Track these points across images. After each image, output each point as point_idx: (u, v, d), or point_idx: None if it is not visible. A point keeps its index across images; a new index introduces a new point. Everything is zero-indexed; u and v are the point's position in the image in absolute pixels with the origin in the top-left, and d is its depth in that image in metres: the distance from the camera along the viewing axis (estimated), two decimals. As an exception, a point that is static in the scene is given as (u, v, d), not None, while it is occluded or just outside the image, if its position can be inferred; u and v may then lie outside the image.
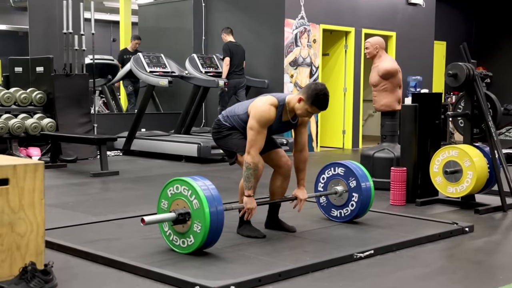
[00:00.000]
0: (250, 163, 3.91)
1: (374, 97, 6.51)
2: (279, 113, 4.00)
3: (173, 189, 3.72)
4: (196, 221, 3.58)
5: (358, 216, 4.63)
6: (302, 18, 9.91)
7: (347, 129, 10.81)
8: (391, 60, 6.43)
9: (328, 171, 4.73)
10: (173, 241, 3.74)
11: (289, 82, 9.76)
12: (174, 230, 3.71)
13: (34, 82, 8.79)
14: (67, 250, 3.72)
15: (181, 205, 3.66)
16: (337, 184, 4.65)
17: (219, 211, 3.62)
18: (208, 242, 3.63)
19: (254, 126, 3.93)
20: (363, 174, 4.62)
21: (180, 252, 3.69)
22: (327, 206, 4.75)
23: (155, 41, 11.27)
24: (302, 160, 4.27)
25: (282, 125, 4.11)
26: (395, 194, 5.56)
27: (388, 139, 6.46)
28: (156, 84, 8.64)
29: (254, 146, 3.92)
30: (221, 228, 3.65)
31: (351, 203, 4.59)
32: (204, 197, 3.58)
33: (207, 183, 3.70)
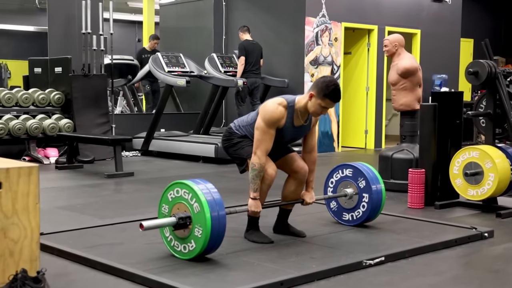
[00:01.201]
0: (256, 163, 3.77)
1: (393, 96, 6.32)
2: (290, 117, 3.85)
3: (174, 192, 3.60)
4: (197, 226, 3.46)
5: (371, 218, 4.46)
6: (323, 16, 9.72)
7: (369, 129, 10.59)
8: (410, 58, 6.23)
9: (336, 174, 4.56)
10: (175, 247, 3.62)
11: (310, 81, 9.57)
12: (175, 235, 3.60)
13: (52, 82, 8.79)
14: (66, 256, 3.63)
15: (181, 209, 3.54)
16: (346, 187, 4.48)
17: (221, 215, 3.49)
18: (209, 247, 3.50)
19: (261, 125, 3.80)
20: (373, 174, 4.45)
21: (182, 258, 3.57)
22: (338, 210, 4.58)
23: (176, 41, 11.20)
24: (312, 161, 4.12)
25: (296, 130, 3.95)
26: (413, 197, 5.37)
27: (407, 140, 6.26)
28: (174, 84, 8.55)
29: (260, 147, 3.78)
30: (223, 232, 3.51)
31: (362, 204, 4.41)
32: (205, 200, 3.45)
33: (209, 186, 3.57)
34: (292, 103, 3.87)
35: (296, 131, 3.97)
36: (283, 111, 3.83)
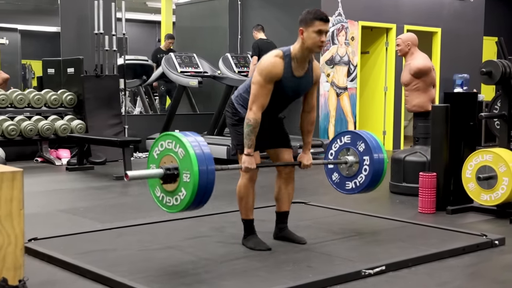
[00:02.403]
0: (251, 119, 3.63)
1: (406, 97, 6.14)
2: (288, 66, 3.68)
3: (158, 148, 3.44)
4: (185, 171, 3.29)
5: (374, 182, 4.21)
6: (339, 15, 9.54)
7: (387, 130, 10.38)
8: (423, 58, 6.03)
9: (335, 144, 4.35)
10: (167, 203, 3.43)
11: (325, 81, 9.41)
12: (165, 190, 3.41)
13: (65, 83, 8.76)
14: (56, 263, 3.53)
15: (168, 161, 3.38)
16: (346, 154, 4.28)
17: (207, 155, 3.31)
18: (201, 190, 3.28)
19: (258, 79, 3.66)
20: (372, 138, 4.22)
21: (176, 211, 3.40)
22: (341, 181, 4.36)
23: (191, 41, 11.11)
24: (310, 122, 3.98)
25: (297, 82, 3.76)
26: (424, 201, 5.18)
27: (421, 142, 6.07)
28: (186, 84, 8.46)
29: (256, 102, 3.65)
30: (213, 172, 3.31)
31: (363, 168, 4.20)
32: (188, 141, 3.29)
33: (198, 138, 3.39)
34: (288, 51, 3.72)
35: (298, 83, 3.77)
36: (280, 61, 3.67)
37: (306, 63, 3.76)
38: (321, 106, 9.35)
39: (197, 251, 3.80)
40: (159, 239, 4.08)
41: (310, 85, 3.85)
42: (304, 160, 3.98)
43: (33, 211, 5.14)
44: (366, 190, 4.28)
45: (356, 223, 4.68)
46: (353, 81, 9.77)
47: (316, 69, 3.87)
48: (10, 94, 8.20)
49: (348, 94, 9.71)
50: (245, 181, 3.84)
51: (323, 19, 3.65)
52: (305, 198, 5.58)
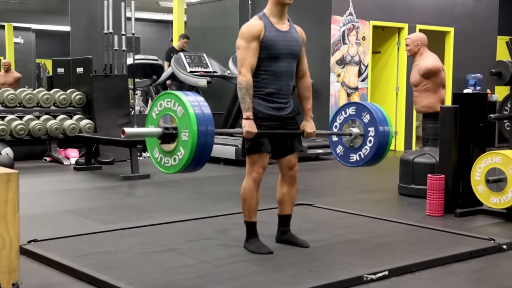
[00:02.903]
0: (242, 82, 3.59)
1: (415, 97, 6.04)
2: (268, 22, 3.67)
3: (157, 108, 3.36)
4: (183, 129, 3.21)
5: (379, 155, 4.04)
6: (350, 14, 9.45)
7: (399, 131, 10.26)
8: (433, 58, 5.93)
9: (339, 116, 4.20)
10: (165, 164, 3.34)
11: (336, 82, 9.33)
12: (163, 151, 3.33)
13: (74, 83, 8.76)
14: (54, 265, 3.49)
15: (167, 120, 3.30)
16: (350, 126, 4.14)
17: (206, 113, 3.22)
18: (199, 149, 3.19)
19: (240, 43, 3.63)
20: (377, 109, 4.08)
21: (175, 171, 3.30)
22: (345, 153, 4.18)
23: (202, 41, 11.07)
24: (305, 87, 3.90)
25: (285, 37, 3.70)
26: (432, 204, 5.09)
27: (430, 143, 5.97)
28: (195, 84, 8.42)
29: (244, 64, 3.60)
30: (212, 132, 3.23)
31: (368, 139, 4.04)
32: (187, 100, 3.22)
33: (199, 98, 3.31)
34: (261, 13, 3.76)
35: (286, 37, 3.71)
36: (258, 21, 3.69)
37: (285, 20, 3.76)
38: (332, 106, 9.26)
39: (198, 254, 3.75)
40: (161, 241, 4.03)
41: (300, 40, 3.80)
42: (307, 128, 3.88)
43: (38, 211, 5.15)
44: (370, 162, 4.10)
45: (362, 226, 4.60)
46: (364, 81, 9.67)
47: (298, 28, 3.86)
48: (19, 94, 8.21)
49: (359, 94, 9.62)
50: (250, 183, 3.78)
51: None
52: (311, 199, 5.51)
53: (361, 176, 7.28)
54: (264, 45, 3.64)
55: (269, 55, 3.66)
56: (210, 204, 5.53)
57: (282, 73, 3.75)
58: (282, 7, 3.72)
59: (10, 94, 8.11)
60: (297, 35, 3.80)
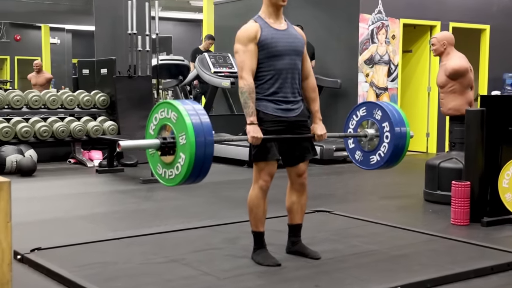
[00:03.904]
0: (244, 86, 3.44)
1: (441, 99, 5.80)
2: (264, 23, 3.56)
3: (153, 123, 3.21)
4: (180, 134, 3.06)
5: (398, 148, 3.82)
6: (379, 12, 9.19)
7: (431, 132, 9.95)
8: (460, 58, 5.67)
9: (351, 121, 4.01)
10: (169, 177, 3.20)
11: (364, 82, 9.08)
12: (165, 164, 3.19)
13: (99, 84, 8.73)
14: (53, 276, 3.38)
15: (164, 132, 3.16)
16: (364, 128, 3.95)
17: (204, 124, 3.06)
18: (199, 154, 3.04)
19: (238, 47, 3.53)
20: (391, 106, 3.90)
21: (180, 181, 3.14)
22: (364, 157, 3.97)
23: (230, 40, 10.89)
24: (311, 88, 3.73)
25: (285, 35, 3.55)
26: (456, 212, 4.84)
27: (457, 147, 5.70)
28: (218, 85, 8.30)
29: (244, 68, 3.47)
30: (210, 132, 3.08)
31: (384, 135, 3.84)
32: (184, 109, 3.05)
33: (192, 103, 3.17)
34: (256, 15, 3.64)
35: (285, 36, 3.56)
36: (253, 23, 3.57)
37: (282, 20, 3.62)
38: (360, 107, 9.01)
39: (202, 265, 3.60)
40: (166, 251, 3.90)
41: (300, 38, 3.64)
42: (318, 130, 3.69)
43: (50, 216, 5.09)
44: (392, 159, 3.88)
45: (380, 235, 4.39)
46: (394, 81, 9.40)
47: (298, 29, 3.71)
48: (43, 96, 8.20)
49: (389, 95, 9.35)
50: (256, 191, 3.62)
51: None
52: (332, 206, 5.32)
53: (387, 180, 7.05)
54: (262, 44, 3.50)
55: (269, 54, 3.51)
56: (226, 209, 5.38)
57: (287, 70, 3.57)
58: (277, 9, 3.59)
59: (34, 95, 8.11)
60: (296, 32, 3.65)
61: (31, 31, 20.34)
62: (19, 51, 19.87)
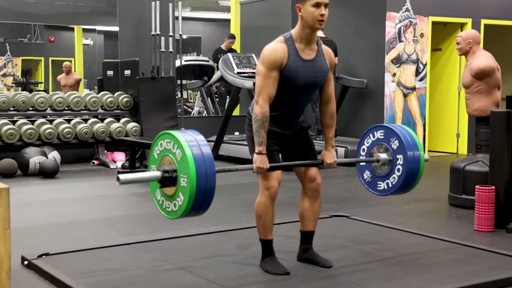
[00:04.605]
0: (258, 113, 3.29)
1: (467, 100, 5.60)
2: (292, 49, 3.33)
3: (158, 148, 3.15)
4: (182, 175, 2.99)
5: (408, 185, 3.75)
6: (407, 10, 8.96)
7: (461, 132, 9.68)
8: (486, 57, 5.46)
9: (367, 139, 3.90)
10: (166, 208, 3.14)
11: (391, 82, 8.88)
12: (165, 194, 3.13)
13: (122, 85, 8.71)
14: (57, 283, 3.33)
15: (167, 162, 3.09)
16: (378, 151, 3.83)
17: (206, 156, 2.99)
18: (198, 196, 2.97)
19: (261, 69, 3.33)
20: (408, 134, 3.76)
21: (175, 218, 3.10)
22: (372, 180, 3.90)
23: (255, 40, 10.83)
24: (329, 114, 3.57)
25: (308, 66, 3.37)
26: (480, 218, 4.65)
27: (483, 150, 5.49)
28: (241, 86, 8.18)
29: (262, 93, 3.30)
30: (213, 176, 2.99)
31: (396, 168, 3.74)
32: (185, 141, 2.98)
33: (198, 137, 3.07)
34: (288, 35, 3.40)
35: (309, 67, 3.39)
36: (282, 46, 3.34)
37: (313, 44, 3.41)
38: (386, 108, 8.83)
39: (209, 273, 3.50)
40: (174, 258, 3.81)
41: (326, 70, 3.47)
42: (327, 158, 3.57)
43: (65, 220, 5.06)
44: (399, 192, 3.81)
45: (397, 242, 4.23)
46: (422, 81, 9.17)
47: (327, 52, 3.51)
48: (67, 97, 8.21)
49: (417, 95, 9.12)
50: (264, 199, 3.50)
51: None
52: (352, 210, 5.18)
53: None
54: (284, 74, 3.34)
55: (286, 85, 3.36)
56: (243, 214, 5.27)
57: (298, 103, 3.49)
58: (312, 32, 3.37)
59: (58, 97, 8.13)
60: (323, 62, 3.45)
61: (64, 32, 20.56)
62: (53, 52, 20.09)
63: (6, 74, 16.59)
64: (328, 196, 5.79)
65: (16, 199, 5.92)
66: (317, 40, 3.45)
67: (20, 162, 7.27)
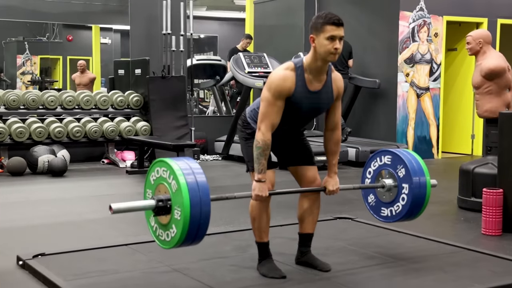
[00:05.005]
0: (260, 141, 3.22)
1: (477, 101, 5.50)
2: (301, 79, 3.25)
3: (155, 173, 3.11)
4: (176, 207, 2.95)
5: (412, 214, 3.71)
6: (421, 9, 8.84)
7: (476, 134, 9.52)
8: (497, 57, 5.35)
9: (374, 162, 3.86)
10: (159, 236, 3.12)
11: (404, 82, 8.75)
12: (159, 222, 3.10)
13: (133, 84, 8.70)
14: (49, 284, 3.30)
15: (162, 190, 3.05)
16: (384, 177, 3.78)
17: (203, 194, 2.95)
18: (191, 231, 2.94)
19: (266, 96, 3.25)
20: (416, 163, 3.70)
21: (168, 248, 3.07)
22: (376, 205, 3.87)
23: (268, 39, 10.77)
24: (334, 141, 3.49)
25: (313, 98, 3.31)
26: (488, 222, 4.55)
27: (493, 152, 5.36)
28: (252, 85, 8.12)
29: (265, 121, 3.23)
30: (207, 212, 2.97)
31: (401, 196, 3.69)
32: (182, 174, 2.94)
33: (193, 165, 3.04)
34: (300, 63, 3.28)
35: (314, 99, 3.32)
36: (291, 74, 3.24)
37: (323, 75, 3.31)
38: (399, 108, 8.72)
39: (204, 276, 3.45)
40: (171, 259, 3.75)
41: (331, 100, 3.40)
42: (330, 185, 3.50)
43: (65, 219, 5.05)
44: (403, 220, 3.78)
45: (401, 246, 4.14)
46: (436, 81, 9.03)
47: (336, 81, 3.40)
48: (77, 96, 8.22)
49: (431, 95, 8.99)
50: (258, 201, 3.44)
51: (335, 23, 3.19)
52: (358, 212, 5.08)
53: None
54: (287, 102, 3.27)
55: (288, 111, 3.29)
56: (247, 214, 5.13)
57: (298, 124, 3.49)
58: (324, 64, 3.27)
59: (68, 96, 8.13)
60: (329, 94, 3.37)
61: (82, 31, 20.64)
62: (71, 51, 20.20)
63: (24, 72, 16.68)
64: (335, 197, 5.65)
65: (21, 198, 5.95)
66: (328, 69, 3.34)
67: (29, 161, 7.29)
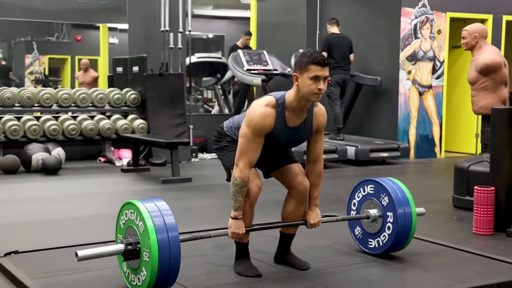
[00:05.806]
0: (237, 177, 3.13)
1: (472, 97, 5.37)
2: (281, 116, 3.16)
3: (124, 217, 3.06)
4: (145, 249, 2.89)
5: (399, 244, 3.61)
6: (423, 6, 8.68)
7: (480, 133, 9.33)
8: (493, 52, 5.21)
9: (357, 193, 3.78)
10: (132, 282, 3.05)
11: (406, 79, 8.61)
12: (130, 267, 3.04)
13: (131, 82, 8.63)
14: (16, 283, 3.21)
15: (132, 233, 2.98)
16: (369, 207, 3.69)
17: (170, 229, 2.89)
18: (162, 273, 2.85)
19: (245, 132, 3.15)
20: (399, 189, 3.63)
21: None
22: (363, 237, 3.78)
23: (270, 37, 10.65)
24: (316, 174, 3.37)
25: (292, 133, 3.24)
26: (479, 221, 4.41)
27: (489, 149, 5.22)
28: (250, 83, 8.04)
29: (243, 157, 3.13)
30: (177, 254, 2.89)
31: (386, 226, 3.59)
32: (149, 216, 2.87)
33: (161, 206, 2.96)
34: (281, 99, 3.18)
35: (292, 134, 3.25)
36: (271, 112, 3.15)
37: (305, 113, 3.22)
38: (401, 106, 8.57)
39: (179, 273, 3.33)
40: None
41: (308, 134, 3.31)
42: (311, 218, 3.40)
43: (54, 217, 4.99)
44: (391, 251, 3.66)
45: (386, 245, 4.01)
46: (439, 79, 8.87)
47: (318, 116, 3.29)
48: (73, 94, 8.16)
49: (433, 93, 8.83)
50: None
51: (320, 63, 3.07)
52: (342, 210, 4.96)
53: (423, 183, 6.73)
54: (266, 136, 3.19)
55: (266, 143, 3.21)
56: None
57: (277, 153, 3.40)
58: (306, 103, 3.17)
59: (64, 93, 8.07)
60: (309, 127, 3.28)
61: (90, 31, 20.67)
62: (79, 51, 20.23)
63: (33, 72, 16.74)
64: (328, 196, 5.60)
65: (9, 196, 5.89)
66: (311, 105, 3.23)
67: (22, 159, 7.23)
